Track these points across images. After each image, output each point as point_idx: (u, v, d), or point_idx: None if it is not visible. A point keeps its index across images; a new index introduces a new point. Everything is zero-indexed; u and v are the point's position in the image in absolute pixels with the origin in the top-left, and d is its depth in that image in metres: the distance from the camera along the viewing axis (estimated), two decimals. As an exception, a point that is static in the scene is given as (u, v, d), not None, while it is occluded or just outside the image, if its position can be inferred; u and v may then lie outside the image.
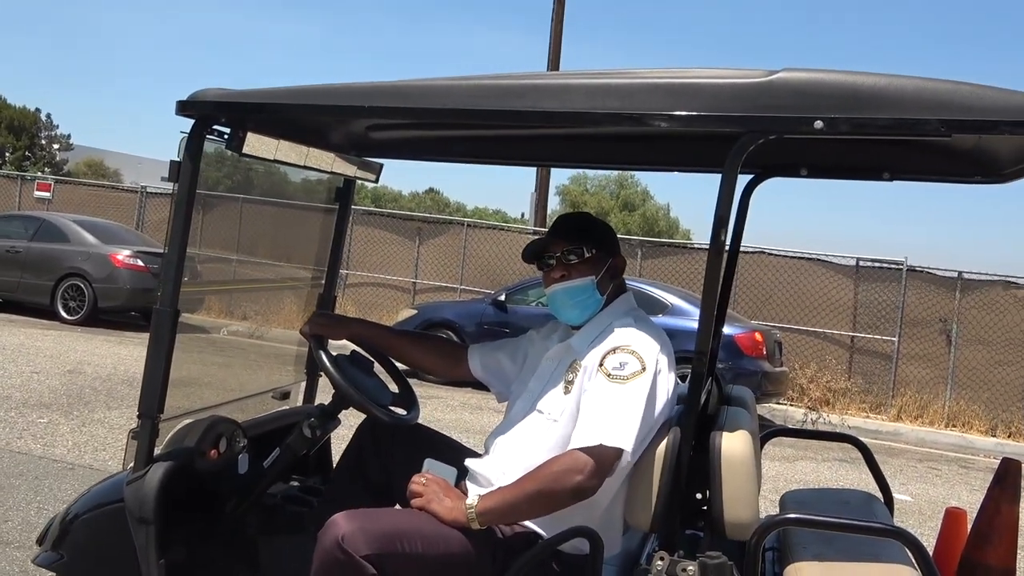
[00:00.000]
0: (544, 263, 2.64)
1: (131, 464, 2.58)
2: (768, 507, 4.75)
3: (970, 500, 8.32)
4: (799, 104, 2.10)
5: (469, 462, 2.61)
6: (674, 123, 2.20)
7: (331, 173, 3.13)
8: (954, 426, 13.48)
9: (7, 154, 38.60)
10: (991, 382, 13.90)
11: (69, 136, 42.44)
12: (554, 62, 17.91)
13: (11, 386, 8.80)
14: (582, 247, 2.58)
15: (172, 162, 2.53)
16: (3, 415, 7.58)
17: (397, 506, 2.52)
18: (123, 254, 14.32)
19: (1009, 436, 13.19)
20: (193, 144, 2.51)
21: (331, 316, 3.07)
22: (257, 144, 2.59)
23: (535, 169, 18.66)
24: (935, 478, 9.67)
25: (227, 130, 2.54)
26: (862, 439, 3.41)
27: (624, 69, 2.30)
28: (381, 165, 3.37)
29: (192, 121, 2.52)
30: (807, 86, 2.11)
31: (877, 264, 14.93)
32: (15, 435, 6.99)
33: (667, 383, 2.45)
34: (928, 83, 2.07)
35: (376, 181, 3.41)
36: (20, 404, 8.05)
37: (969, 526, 2.68)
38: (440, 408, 9.95)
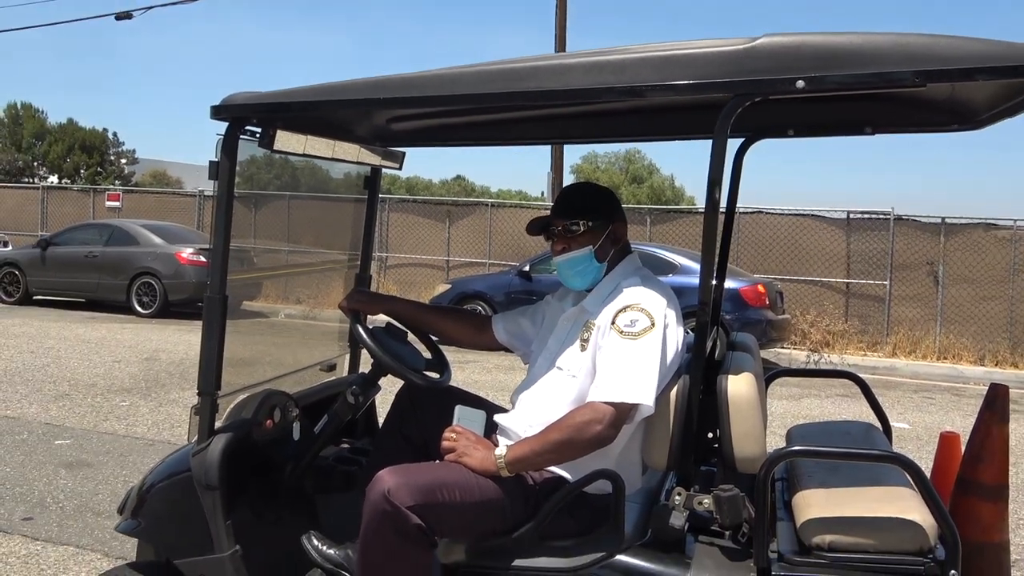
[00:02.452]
0: (549, 236, 2.60)
1: (195, 437, 2.57)
2: (777, 442, 4.68)
3: (963, 424, 8.20)
4: (781, 66, 2.02)
5: (497, 417, 2.58)
6: (666, 92, 2.14)
7: (357, 163, 3.08)
8: (945, 359, 13.30)
9: (82, 171, 38.94)
10: (977, 316, 13.69)
11: (134, 151, 42.67)
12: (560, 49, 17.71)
13: (96, 375, 8.91)
14: (578, 221, 2.52)
15: (211, 162, 2.49)
16: (90, 401, 7.67)
17: (436, 461, 2.49)
18: (187, 252, 14.42)
19: (996, 364, 13.00)
20: (228, 144, 2.47)
21: (368, 293, 3.03)
22: (287, 141, 2.56)
23: (550, 151, 18.52)
24: (930, 406, 9.54)
25: (258, 129, 2.51)
26: (861, 375, 3.34)
27: (618, 46, 2.23)
28: (403, 153, 3.32)
29: (226, 124, 2.48)
30: (787, 49, 2.03)
31: (866, 215, 14.70)
32: (101, 418, 7.07)
33: (676, 335, 2.40)
34: (902, 37, 1.98)
35: (400, 168, 3.35)
36: (104, 390, 8.15)
37: (963, 448, 2.60)
38: (477, 371, 9.95)
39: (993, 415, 2.44)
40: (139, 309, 14.42)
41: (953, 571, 1.97)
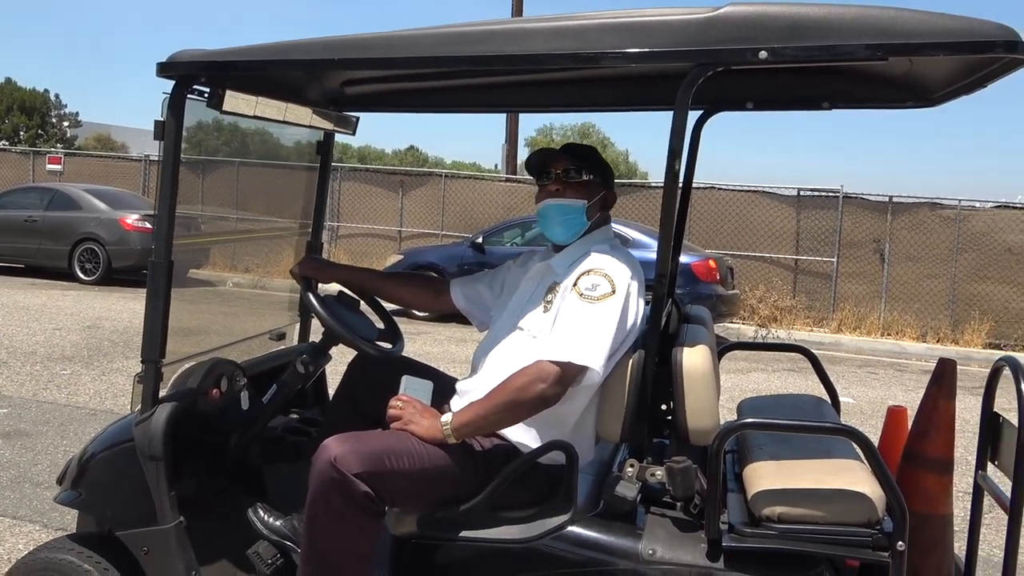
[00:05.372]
0: (544, 174, 2.55)
1: (138, 406, 2.50)
2: (725, 415, 4.74)
3: (906, 399, 8.39)
4: (744, 36, 2.00)
5: (459, 383, 2.55)
6: (626, 61, 2.10)
7: (309, 127, 3.00)
8: (888, 335, 13.59)
9: (21, 133, 37.74)
10: (920, 294, 14.01)
11: (77, 114, 41.47)
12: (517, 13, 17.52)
13: (36, 342, 8.67)
14: (582, 168, 2.50)
15: (156, 122, 2.40)
16: (30, 369, 7.47)
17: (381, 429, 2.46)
18: (132, 218, 14.09)
19: (938, 341, 13.32)
20: (175, 103, 2.39)
21: (320, 260, 2.97)
22: (237, 102, 2.47)
23: (505, 123, 18.42)
24: (873, 381, 9.75)
25: (207, 89, 2.42)
26: (808, 349, 3.37)
27: (579, 12, 2.19)
28: (357, 119, 3.24)
29: (173, 82, 2.39)
30: (751, 19, 2.01)
31: (816, 193, 14.89)
32: (41, 386, 6.89)
33: (636, 307, 2.37)
34: (865, 10, 1.98)
35: (353, 134, 3.28)
36: (45, 358, 7.94)
37: (910, 422, 2.64)
38: (428, 342, 9.91)
39: (941, 390, 2.48)
40: (81, 276, 14.08)
41: (900, 542, 2.00)
